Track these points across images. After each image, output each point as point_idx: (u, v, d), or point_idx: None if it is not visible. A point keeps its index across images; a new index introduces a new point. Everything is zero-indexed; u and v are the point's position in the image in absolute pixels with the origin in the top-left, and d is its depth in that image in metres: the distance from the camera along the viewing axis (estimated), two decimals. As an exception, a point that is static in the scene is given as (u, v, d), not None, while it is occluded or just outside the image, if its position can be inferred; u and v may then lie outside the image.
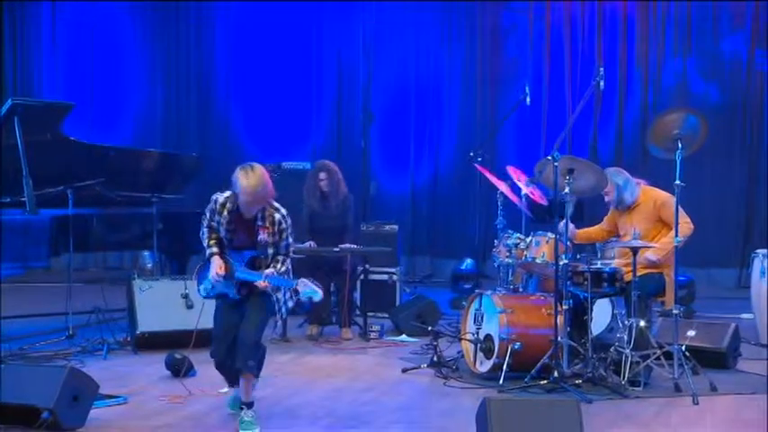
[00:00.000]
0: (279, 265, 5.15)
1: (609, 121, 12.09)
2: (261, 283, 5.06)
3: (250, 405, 5.18)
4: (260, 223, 5.15)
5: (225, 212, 5.19)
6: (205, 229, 5.31)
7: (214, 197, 5.27)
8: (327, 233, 8.05)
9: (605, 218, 7.04)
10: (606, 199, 6.78)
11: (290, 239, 5.25)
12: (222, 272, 5.16)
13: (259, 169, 5.11)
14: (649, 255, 6.46)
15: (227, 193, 5.23)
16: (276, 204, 5.21)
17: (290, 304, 5.32)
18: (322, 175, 8.11)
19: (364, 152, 11.22)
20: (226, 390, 5.64)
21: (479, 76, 12.50)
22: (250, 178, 5.04)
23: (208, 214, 5.28)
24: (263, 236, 5.15)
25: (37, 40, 12.98)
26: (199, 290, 5.37)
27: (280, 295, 5.22)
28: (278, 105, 12.77)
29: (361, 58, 12.32)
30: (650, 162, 7.04)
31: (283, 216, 5.19)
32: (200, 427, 5.19)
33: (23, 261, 7.02)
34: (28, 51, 12.97)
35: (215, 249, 5.25)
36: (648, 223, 6.62)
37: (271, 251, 5.18)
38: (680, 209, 6.28)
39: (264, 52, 12.85)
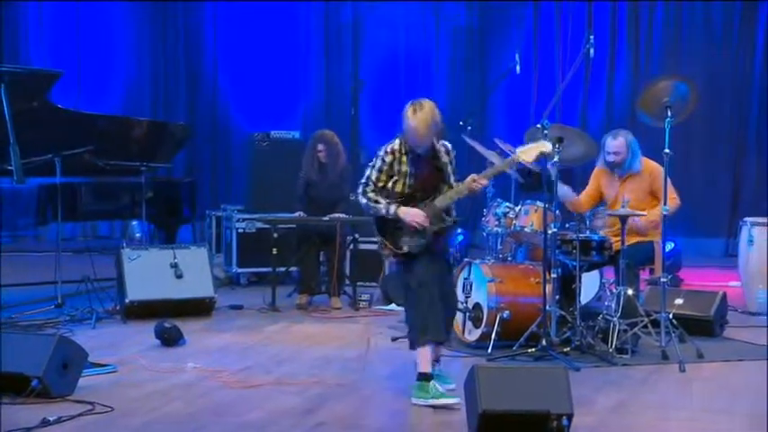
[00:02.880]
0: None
1: (599, 89, 12.06)
2: (482, 182, 4.89)
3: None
4: (444, 159, 4.95)
5: (404, 159, 4.89)
6: (370, 194, 5.01)
7: (382, 151, 4.96)
8: (322, 203, 8.04)
9: (589, 184, 6.98)
10: (614, 158, 6.69)
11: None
12: (425, 218, 4.88)
13: (428, 105, 4.85)
14: (637, 219, 6.45)
15: (396, 141, 4.93)
16: None
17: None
18: (320, 146, 8.08)
19: (353, 120, 11.16)
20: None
21: (470, 43, 12.43)
22: (418, 118, 4.78)
23: (375, 174, 4.99)
24: (447, 169, 4.96)
25: (23, 7, 12.82)
26: (407, 248, 4.92)
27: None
28: (266, 74, 12.68)
29: (350, 24, 12.22)
30: (639, 131, 7.01)
31: (447, 145, 5.05)
32: (189, 395, 5.20)
33: (11, 230, 7.02)
34: (14, 18, 12.81)
35: (394, 204, 4.94)
36: (641, 193, 6.62)
37: (453, 181, 5.01)
38: (670, 184, 6.27)
39: (252, 20, 12.73)
